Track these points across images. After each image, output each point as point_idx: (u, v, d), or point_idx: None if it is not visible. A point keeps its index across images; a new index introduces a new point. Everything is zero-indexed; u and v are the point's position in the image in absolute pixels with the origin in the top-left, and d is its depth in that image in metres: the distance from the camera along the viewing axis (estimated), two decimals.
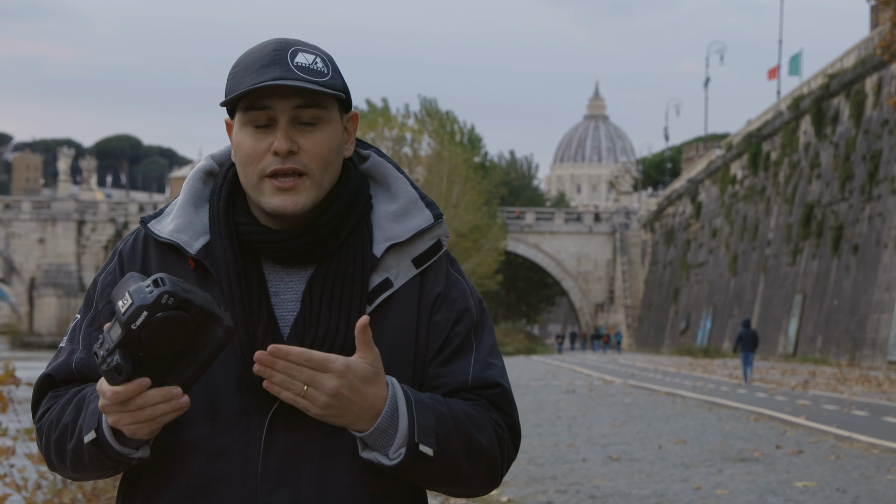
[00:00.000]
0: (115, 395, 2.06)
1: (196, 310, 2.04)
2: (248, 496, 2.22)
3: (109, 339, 2.05)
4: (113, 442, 2.16)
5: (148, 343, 2.03)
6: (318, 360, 2.10)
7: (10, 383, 9.24)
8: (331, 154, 2.27)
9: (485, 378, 2.33)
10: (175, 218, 2.35)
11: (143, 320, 2.01)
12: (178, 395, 2.08)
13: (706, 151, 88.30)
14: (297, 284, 2.30)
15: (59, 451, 2.26)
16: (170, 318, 2.02)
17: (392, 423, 2.17)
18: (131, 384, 2.05)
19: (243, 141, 2.25)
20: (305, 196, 2.24)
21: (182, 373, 2.10)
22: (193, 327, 2.05)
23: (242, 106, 2.25)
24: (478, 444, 2.26)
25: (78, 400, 2.25)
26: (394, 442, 2.17)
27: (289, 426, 2.23)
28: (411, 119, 73.14)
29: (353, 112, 2.35)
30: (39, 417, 2.32)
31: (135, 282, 2.06)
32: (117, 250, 2.38)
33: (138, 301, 2.01)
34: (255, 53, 2.26)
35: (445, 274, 2.39)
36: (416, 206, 2.38)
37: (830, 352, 44.93)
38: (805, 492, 11.25)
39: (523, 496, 11.16)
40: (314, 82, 2.22)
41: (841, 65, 50.32)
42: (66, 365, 2.32)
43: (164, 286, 2.02)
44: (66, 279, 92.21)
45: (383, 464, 2.18)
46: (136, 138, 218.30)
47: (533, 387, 31.03)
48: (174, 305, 2.02)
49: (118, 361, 2.04)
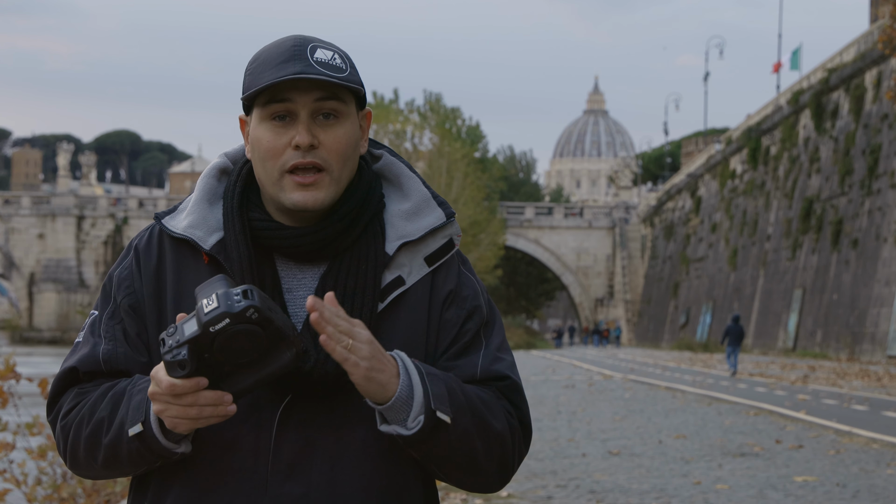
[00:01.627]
0: (172, 388, 2.07)
1: (273, 330, 2.06)
2: (259, 489, 2.23)
3: (181, 332, 2.06)
4: (160, 436, 2.17)
5: (219, 349, 2.05)
6: (344, 315, 2.14)
7: (10, 378, 9.23)
8: (349, 149, 2.29)
9: (493, 371, 2.35)
10: (189, 214, 2.36)
11: (223, 327, 2.03)
12: (228, 402, 2.10)
13: (706, 146, 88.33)
14: (310, 281, 2.32)
15: (91, 447, 2.26)
16: (247, 332, 2.04)
17: (409, 393, 2.18)
18: (189, 381, 2.07)
19: (262, 136, 2.27)
20: (325, 192, 2.26)
21: (237, 382, 2.12)
22: (266, 346, 2.07)
23: (262, 100, 2.26)
24: (490, 425, 2.27)
25: (114, 394, 2.25)
26: (411, 410, 2.18)
27: (300, 420, 2.24)
28: (414, 114, 73.22)
29: (367, 110, 2.37)
30: (65, 414, 2.30)
31: (223, 286, 2.08)
32: (132, 245, 2.39)
33: (224, 307, 2.03)
34: (274, 49, 2.27)
35: (457, 272, 2.41)
36: (428, 204, 2.40)
37: (830, 346, 44.94)
38: (805, 486, 11.25)
39: (523, 491, 11.16)
40: (335, 77, 2.23)
41: (840, 59, 50.29)
42: (92, 357, 2.32)
43: (253, 300, 2.04)
44: (66, 274, 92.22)
45: (402, 434, 2.19)
46: (136, 133, 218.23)
47: (532, 381, 31.04)
48: (256, 321, 2.04)
49: (185, 357, 2.05)
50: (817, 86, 52.04)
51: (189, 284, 2.31)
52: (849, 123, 47.73)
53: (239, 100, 2.33)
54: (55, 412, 2.33)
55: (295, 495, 2.23)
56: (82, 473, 2.33)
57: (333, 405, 2.26)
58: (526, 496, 10.85)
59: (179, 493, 2.27)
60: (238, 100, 2.34)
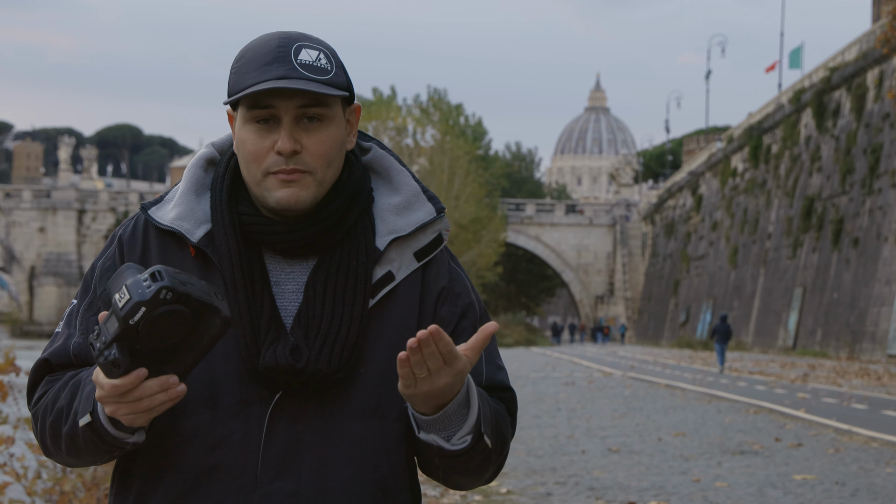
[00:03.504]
0: (114, 389, 2.04)
1: (194, 303, 2.02)
2: (248, 486, 2.22)
3: (106, 332, 2.03)
4: (108, 426, 2.15)
5: (146, 337, 2.01)
6: (453, 354, 2.12)
7: (9, 371, 9.23)
8: (333, 151, 2.26)
9: (497, 380, 2.37)
10: (176, 205, 2.33)
11: (141, 316, 1.99)
12: (176, 384, 2.07)
13: (707, 144, 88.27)
14: (299, 275, 2.30)
15: (54, 436, 2.25)
16: (168, 313, 2.00)
17: (460, 412, 2.20)
18: (129, 377, 2.04)
19: (246, 138, 2.25)
20: (307, 192, 2.24)
21: (179, 362, 2.08)
22: (191, 320, 2.03)
23: (245, 103, 2.24)
24: (505, 439, 2.33)
25: (73, 384, 2.23)
26: (460, 429, 2.20)
27: (290, 416, 2.23)
28: (416, 109, 73.17)
29: (355, 105, 2.35)
30: (35, 402, 2.30)
31: (132, 274, 2.03)
32: (116, 235, 2.36)
33: (136, 297, 1.99)
34: (259, 48, 2.25)
35: (448, 268, 2.40)
36: (418, 199, 2.38)
37: (830, 345, 44.93)
38: (804, 485, 11.25)
39: (522, 487, 11.16)
40: (318, 81, 2.21)
41: (842, 58, 50.25)
42: (64, 350, 2.30)
43: (162, 281, 1.99)
44: (67, 268, 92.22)
45: (443, 447, 2.21)
46: (137, 127, 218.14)
47: (532, 378, 31.04)
48: (172, 300, 2.00)
49: (116, 356, 2.02)
50: (819, 85, 52.00)
51: None
52: (850, 122, 47.70)
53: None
54: (31, 402, 2.32)
55: (285, 493, 2.22)
56: (55, 459, 2.33)
57: (323, 402, 2.24)
58: (525, 493, 10.86)
59: (167, 490, 2.25)
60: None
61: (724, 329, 35.43)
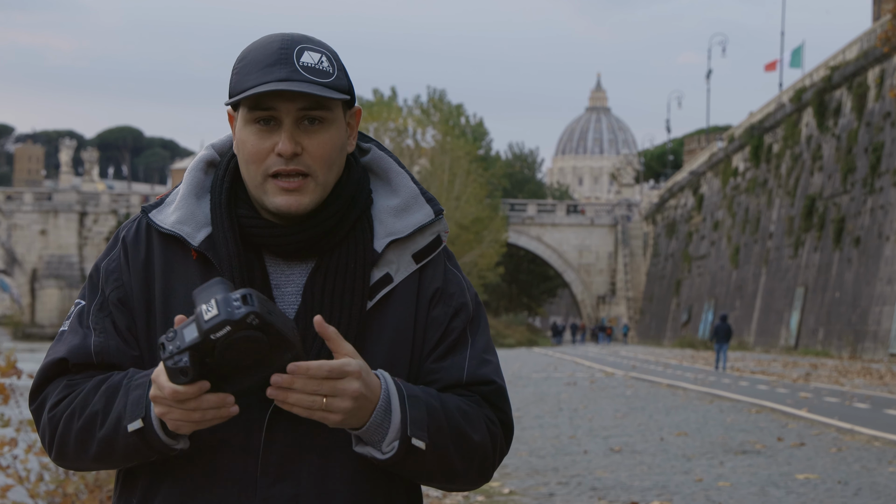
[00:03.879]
0: (175, 394, 2.06)
1: (275, 335, 2.05)
2: (249, 489, 2.22)
3: (182, 338, 2.04)
4: (160, 433, 2.16)
5: (220, 355, 2.03)
6: (337, 368, 2.11)
7: (11, 374, 9.24)
8: (334, 154, 2.27)
9: (479, 375, 2.34)
10: (177, 209, 2.34)
11: (224, 335, 2.01)
12: (230, 404, 2.09)
13: (708, 143, 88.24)
14: (298, 277, 2.31)
15: (82, 440, 2.23)
16: (248, 338, 2.02)
17: (386, 417, 2.18)
18: (192, 387, 2.05)
19: (247, 139, 2.25)
20: (309, 197, 2.24)
21: (238, 384, 2.11)
22: (268, 350, 2.06)
23: (246, 104, 2.24)
24: (470, 439, 2.27)
25: (108, 388, 2.22)
26: (386, 436, 2.18)
27: (290, 420, 2.22)
28: (416, 110, 73.17)
29: (356, 108, 2.35)
30: (53, 406, 2.27)
31: (223, 290, 2.05)
32: (119, 236, 2.36)
33: (224, 314, 2.01)
34: (261, 50, 2.25)
35: (443, 269, 2.39)
36: (416, 201, 2.38)
37: (832, 344, 44.92)
38: (807, 484, 11.24)
39: (525, 488, 11.16)
40: (320, 84, 2.21)
41: (843, 57, 50.25)
42: (83, 349, 2.29)
43: (252, 306, 2.02)
44: (68, 270, 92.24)
45: (376, 458, 2.20)
46: (138, 130, 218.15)
47: (534, 379, 31.04)
48: (257, 326, 2.02)
49: (186, 364, 2.03)
50: (820, 84, 51.99)
51: (177, 280, 2.29)
52: (851, 121, 47.69)
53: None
54: (40, 401, 2.29)
55: (285, 496, 2.22)
56: (68, 465, 2.31)
57: None
58: (528, 493, 10.86)
59: (168, 493, 2.26)
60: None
61: (724, 329, 35.90)
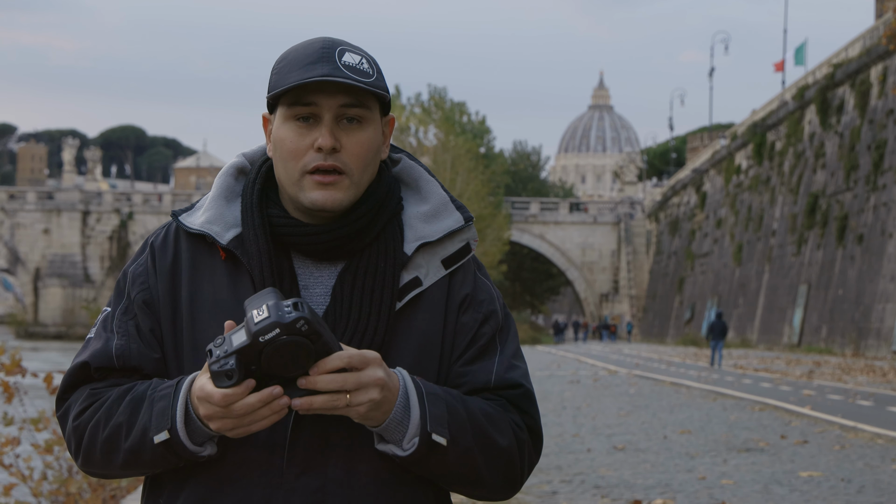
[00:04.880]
0: (225, 398, 2.08)
1: (321, 343, 2.07)
2: (275, 483, 2.24)
3: (230, 343, 2.07)
4: (187, 442, 2.18)
5: (266, 359, 2.05)
6: (357, 356, 2.12)
7: (15, 373, 9.24)
8: (370, 154, 2.30)
9: (507, 379, 2.35)
10: (206, 211, 2.37)
11: (273, 337, 2.03)
12: (279, 395, 2.10)
13: (711, 141, 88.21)
14: (327, 279, 2.33)
15: (108, 451, 2.25)
16: (296, 343, 2.04)
17: (405, 414, 2.19)
18: (240, 386, 2.07)
19: (286, 136, 2.27)
20: (344, 193, 2.27)
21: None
22: (313, 359, 2.07)
23: (287, 101, 2.27)
24: (494, 441, 2.27)
25: (133, 399, 2.24)
26: (407, 432, 2.19)
27: (316, 415, 2.23)
28: (417, 108, 73.19)
29: (390, 116, 2.38)
30: (77, 415, 2.29)
31: (274, 297, 2.07)
32: (148, 242, 2.40)
33: (275, 317, 2.03)
34: (302, 50, 2.28)
35: (473, 277, 2.41)
36: (446, 208, 2.40)
37: (835, 342, 44.90)
38: (810, 481, 11.24)
39: (528, 486, 11.15)
40: (362, 82, 2.24)
41: (846, 54, 50.21)
42: (105, 353, 2.31)
43: (303, 312, 2.04)
44: (71, 269, 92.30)
45: (398, 455, 2.21)
46: (141, 129, 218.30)
47: (538, 377, 31.02)
48: (305, 333, 2.04)
49: (233, 366, 2.06)
50: (822, 81, 51.96)
51: (205, 281, 2.32)
52: (854, 119, 47.66)
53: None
54: (65, 408, 2.32)
55: (311, 489, 2.23)
56: (96, 473, 2.33)
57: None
58: (531, 491, 10.85)
59: (195, 487, 2.28)
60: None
61: (720, 326, 36.71)
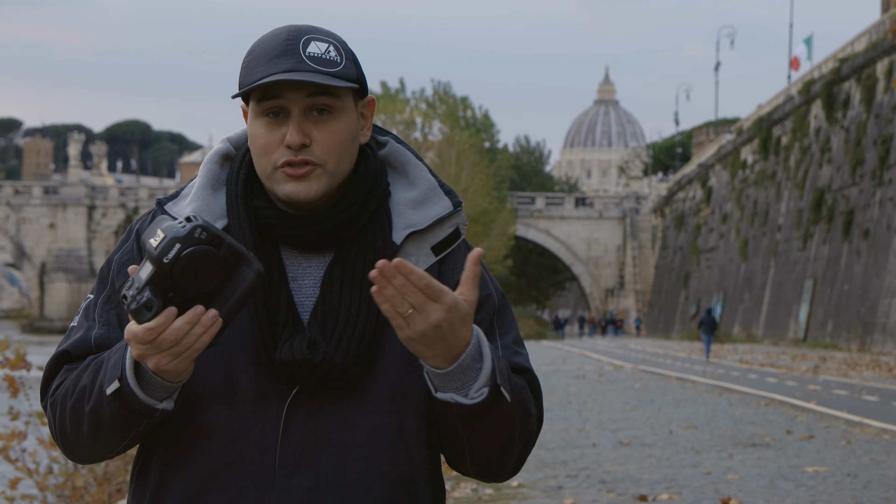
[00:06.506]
0: (148, 332, 2.02)
1: (227, 248, 2.03)
2: (266, 481, 2.21)
3: (139, 279, 2.03)
4: (137, 391, 2.12)
5: (179, 279, 2.01)
6: (435, 288, 2.08)
7: (21, 367, 9.27)
8: (344, 144, 2.25)
9: (515, 363, 2.33)
10: (193, 201, 2.33)
11: (175, 253, 1.99)
12: (202, 312, 2.04)
13: (716, 136, 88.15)
14: (315, 270, 2.29)
15: (75, 418, 2.22)
16: (201, 253, 2.00)
17: (475, 364, 2.15)
18: (161, 315, 2.02)
19: (257, 132, 2.24)
20: (318, 184, 2.23)
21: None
22: (224, 265, 2.03)
23: (255, 96, 2.24)
24: (528, 407, 2.29)
25: (95, 364, 2.21)
26: (475, 381, 2.15)
27: (308, 411, 2.22)
28: (422, 103, 73.20)
29: (369, 98, 2.34)
30: (53, 392, 2.27)
31: (167, 221, 2.04)
32: (133, 229, 2.35)
33: (171, 234, 2.00)
34: (268, 42, 2.25)
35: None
36: (435, 193, 2.36)
37: (841, 337, 44.87)
38: (816, 477, 11.23)
39: (534, 480, 11.16)
40: (326, 73, 2.21)
41: (852, 49, 50.14)
42: (85, 341, 2.29)
43: (197, 221, 2.01)
44: (77, 264, 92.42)
45: (461, 402, 2.16)
46: (146, 123, 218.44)
47: (543, 371, 31.03)
48: (206, 240, 2.01)
49: (149, 296, 2.01)
50: (828, 76, 51.89)
51: None
52: (860, 113, 47.59)
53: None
54: (48, 393, 2.30)
55: (303, 488, 2.20)
56: (74, 455, 2.29)
57: (341, 397, 2.23)
58: (536, 486, 10.86)
59: (184, 485, 2.24)
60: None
61: (709, 321, 38.67)
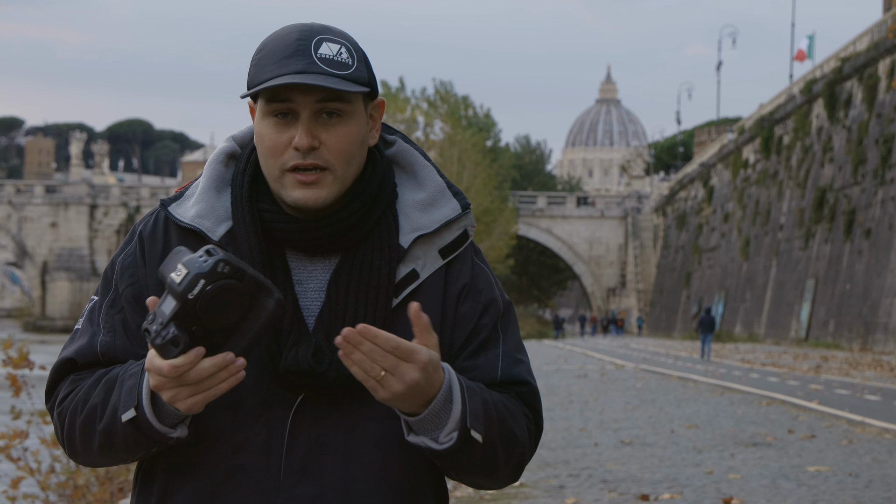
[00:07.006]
0: (174, 369, 2.00)
1: (249, 280, 2.01)
2: (271, 489, 2.19)
3: (162, 314, 2.01)
4: (153, 420, 2.10)
5: (204, 314, 1.99)
6: (404, 349, 2.06)
7: (23, 367, 9.28)
8: (353, 148, 2.21)
9: (513, 375, 2.30)
10: (197, 202, 2.29)
11: (200, 289, 1.98)
12: (233, 360, 2.03)
13: (718, 135, 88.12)
14: (321, 274, 2.26)
15: (86, 434, 2.19)
16: (225, 288, 1.99)
17: (445, 408, 2.13)
18: (188, 355, 2.00)
19: (265, 132, 2.20)
20: (328, 190, 2.19)
21: (234, 346, 2.06)
22: (248, 298, 2.02)
23: (264, 97, 2.20)
24: (514, 434, 2.24)
25: (107, 381, 2.18)
26: (445, 426, 2.13)
27: (313, 419, 2.20)
28: (423, 103, 73.21)
29: (379, 100, 2.30)
30: (60, 401, 2.24)
31: (186, 254, 2.02)
32: (136, 231, 2.32)
33: (195, 270, 1.98)
34: (279, 41, 2.20)
35: (471, 264, 2.34)
36: (443, 195, 2.33)
37: (843, 336, 44.85)
38: (817, 476, 11.22)
39: (535, 480, 11.16)
40: (337, 76, 2.17)
41: (854, 48, 50.11)
42: (90, 348, 2.26)
43: (219, 255, 2.00)
44: (79, 263, 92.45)
45: (432, 448, 2.14)
46: (148, 122, 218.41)
47: (545, 371, 31.03)
48: (229, 274, 1.99)
49: (175, 333, 1.99)
50: (830, 75, 51.86)
51: None
52: (862, 113, 47.57)
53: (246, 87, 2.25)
54: (52, 400, 2.27)
55: (308, 496, 2.18)
56: (81, 461, 2.27)
57: (346, 404, 2.21)
58: (538, 485, 10.86)
59: (189, 492, 2.22)
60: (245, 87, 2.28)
61: (708, 321, 39.15)
